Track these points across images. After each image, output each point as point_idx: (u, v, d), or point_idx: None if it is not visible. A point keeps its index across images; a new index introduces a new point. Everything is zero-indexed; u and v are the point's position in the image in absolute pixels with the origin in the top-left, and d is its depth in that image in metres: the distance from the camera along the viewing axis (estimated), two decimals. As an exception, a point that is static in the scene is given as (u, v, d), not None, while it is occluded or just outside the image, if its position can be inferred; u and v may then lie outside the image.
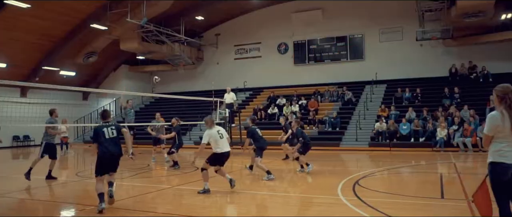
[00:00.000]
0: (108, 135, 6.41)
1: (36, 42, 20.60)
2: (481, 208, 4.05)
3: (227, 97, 16.19)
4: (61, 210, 6.75)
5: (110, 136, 6.40)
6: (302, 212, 6.32)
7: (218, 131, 7.29)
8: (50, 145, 9.18)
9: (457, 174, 9.60)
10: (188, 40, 24.49)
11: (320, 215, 5.98)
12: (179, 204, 6.85)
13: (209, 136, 7.17)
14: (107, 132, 6.41)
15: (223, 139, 7.27)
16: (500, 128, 3.88)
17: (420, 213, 5.78)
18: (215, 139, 7.20)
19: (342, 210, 6.09)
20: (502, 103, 3.96)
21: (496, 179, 3.92)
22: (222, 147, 7.20)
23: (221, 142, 7.19)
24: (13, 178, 10.12)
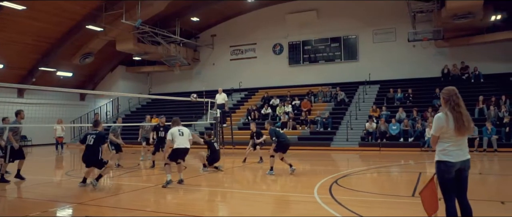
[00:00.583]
0: (88, 142, 8.01)
1: (32, 43, 20.87)
2: (427, 204, 4.26)
3: (219, 97, 16.39)
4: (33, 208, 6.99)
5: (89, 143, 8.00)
6: (272, 210, 6.53)
7: (179, 130, 8.20)
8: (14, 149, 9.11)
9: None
10: (184, 41, 24.72)
11: (287, 211, 6.20)
12: (148, 201, 7.06)
13: (171, 134, 8.17)
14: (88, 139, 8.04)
15: (183, 136, 8.16)
16: (445, 129, 4.09)
17: (385, 210, 5.97)
18: (175, 136, 8.12)
19: (312, 207, 6.30)
20: (447, 105, 4.17)
21: (441, 177, 4.13)
22: (178, 144, 8.08)
23: (179, 139, 8.10)
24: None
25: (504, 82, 19.28)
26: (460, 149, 4.10)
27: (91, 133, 8.24)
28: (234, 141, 17.06)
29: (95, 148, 8.06)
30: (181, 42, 24.65)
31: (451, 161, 4.06)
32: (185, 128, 8.42)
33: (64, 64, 23.18)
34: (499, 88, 18.72)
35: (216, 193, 8.00)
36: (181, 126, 8.40)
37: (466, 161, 4.13)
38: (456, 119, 4.05)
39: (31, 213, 6.04)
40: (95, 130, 8.35)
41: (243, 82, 25.69)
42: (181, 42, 24.81)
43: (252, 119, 20.73)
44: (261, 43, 25.66)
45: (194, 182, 8.84)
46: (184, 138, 8.17)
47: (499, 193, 7.58)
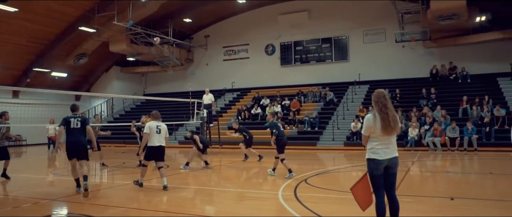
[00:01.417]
0: (74, 125, 7.39)
1: (26, 44, 21.25)
2: (359, 199, 4.53)
3: (206, 98, 16.70)
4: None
5: (74, 127, 7.38)
6: (229, 205, 6.80)
7: (157, 126, 7.85)
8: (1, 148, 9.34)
9: (406, 171, 10.06)
10: (177, 42, 25.04)
11: (238, 206, 6.49)
12: (119, 197, 7.37)
13: (149, 128, 7.79)
14: (73, 122, 7.40)
15: (160, 134, 7.82)
16: (373, 129, 4.37)
17: (338, 206, 6.24)
18: (152, 132, 7.77)
19: (269, 203, 6.62)
20: (376, 106, 4.44)
21: (371, 174, 4.42)
22: (153, 141, 7.75)
23: (154, 136, 7.76)
24: None
25: (490, 83, 19.50)
26: (388, 147, 4.38)
27: (74, 117, 7.49)
28: (222, 141, 17.36)
29: (83, 132, 7.44)
30: (174, 42, 24.97)
31: (378, 159, 4.34)
32: (163, 124, 8.07)
33: (59, 64, 23.55)
34: (485, 88, 18.93)
35: (180, 189, 8.24)
36: (160, 122, 8.04)
37: (393, 158, 4.40)
38: (383, 120, 4.32)
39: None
40: (76, 114, 7.63)
41: (236, 82, 25.99)
42: (175, 43, 25.12)
43: (242, 119, 21.06)
44: (254, 44, 25.95)
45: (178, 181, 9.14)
46: (161, 136, 7.86)
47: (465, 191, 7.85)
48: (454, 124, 15.29)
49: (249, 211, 6.13)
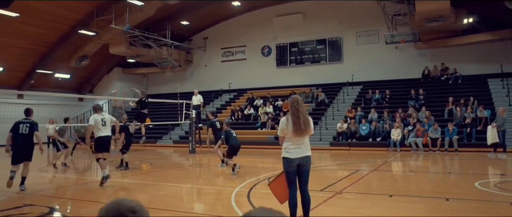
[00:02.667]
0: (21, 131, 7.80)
1: (29, 47, 22.13)
2: (277, 193, 5.03)
3: (195, 99, 17.30)
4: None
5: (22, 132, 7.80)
6: (180, 199, 7.35)
7: (102, 119, 8.51)
8: None
9: (373, 171, 10.47)
10: (176, 44, 25.68)
11: (188, 201, 7.02)
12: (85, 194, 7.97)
13: (94, 120, 8.44)
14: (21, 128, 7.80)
15: (105, 125, 8.51)
16: (286, 131, 4.86)
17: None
18: (98, 124, 8.43)
19: (220, 197, 7.14)
20: (290, 110, 4.93)
21: (285, 170, 4.92)
22: (102, 132, 8.46)
23: (102, 128, 8.46)
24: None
25: (481, 84, 19.66)
26: (299, 147, 4.87)
27: (24, 122, 7.84)
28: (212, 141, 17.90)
29: (31, 138, 7.81)
30: (173, 44, 25.62)
31: (290, 157, 4.83)
32: (107, 115, 8.80)
33: (61, 66, 24.41)
34: (475, 90, 19.13)
35: (139, 185, 8.81)
36: (104, 114, 8.65)
37: (305, 158, 4.88)
38: (294, 123, 4.81)
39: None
40: (27, 119, 7.98)
41: (233, 83, 26.52)
42: (173, 45, 25.77)
43: (235, 119, 21.61)
44: (250, 45, 26.46)
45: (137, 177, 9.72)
46: (107, 127, 8.54)
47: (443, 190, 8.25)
48: (436, 125, 15.58)
49: (191, 205, 6.66)
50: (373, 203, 6.50)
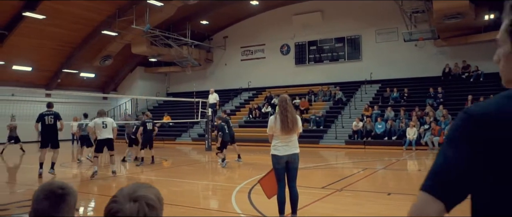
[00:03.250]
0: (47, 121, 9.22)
1: (56, 48, 23.06)
2: (266, 189, 5.23)
3: (211, 97, 17.64)
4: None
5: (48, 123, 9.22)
6: (180, 194, 7.64)
7: (103, 122, 9.19)
8: None
9: (381, 169, 10.49)
10: (196, 43, 26.14)
11: (191, 195, 7.29)
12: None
13: (94, 123, 9.23)
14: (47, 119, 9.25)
15: (106, 128, 9.14)
16: (274, 129, 5.06)
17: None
18: (99, 128, 9.15)
19: (221, 193, 7.39)
20: (278, 109, 5.12)
21: (274, 167, 5.12)
22: (102, 135, 9.14)
23: (102, 131, 9.13)
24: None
25: (503, 81, 19.14)
26: (287, 145, 5.05)
27: (48, 114, 9.27)
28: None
29: (55, 127, 9.25)
30: (193, 44, 26.09)
31: (278, 154, 5.03)
32: (109, 119, 9.49)
33: (86, 66, 25.29)
34: (496, 87, 18.65)
35: (143, 180, 9.17)
36: (106, 118, 9.38)
37: (293, 155, 5.06)
38: (282, 121, 5.00)
39: None
40: (50, 111, 9.37)
41: (252, 81, 26.77)
42: (193, 44, 26.24)
43: (253, 118, 21.87)
44: (270, 44, 26.63)
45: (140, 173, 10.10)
46: (108, 130, 9.20)
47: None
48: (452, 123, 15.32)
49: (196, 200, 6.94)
50: (368, 200, 6.61)
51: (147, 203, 1.21)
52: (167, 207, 6.19)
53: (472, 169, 0.98)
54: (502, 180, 0.97)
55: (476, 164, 0.98)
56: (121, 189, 1.26)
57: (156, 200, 1.25)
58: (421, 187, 1.01)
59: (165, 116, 23.57)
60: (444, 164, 1.01)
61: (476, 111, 1.03)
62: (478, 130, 0.99)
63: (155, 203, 1.24)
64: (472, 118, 1.02)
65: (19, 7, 19.11)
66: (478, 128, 0.99)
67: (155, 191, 1.29)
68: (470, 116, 1.03)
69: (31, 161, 13.08)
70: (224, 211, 6.29)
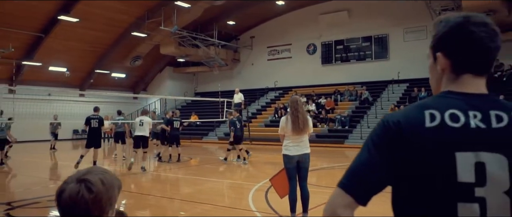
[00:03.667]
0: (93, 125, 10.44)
1: (89, 49, 23.97)
2: (278, 188, 5.36)
3: (236, 97, 17.87)
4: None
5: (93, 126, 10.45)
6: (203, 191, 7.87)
7: (140, 120, 10.19)
8: None
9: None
10: (223, 43, 26.51)
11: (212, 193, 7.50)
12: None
13: (134, 122, 10.39)
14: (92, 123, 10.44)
15: (142, 126, 10.08)
16: (285, 129, 5.19)
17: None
18: (136, 125, 10.30)
19: (241, 191, 7.57)
20: (289, 110, 5.25)
21: (285, 166, 5.25)
22: (137, 132, 10.21)
23: (138, 128, 10.18)
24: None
25: (538, 80, 18.46)
26: (298, 145, 5.17)
27: (93, 117, 10.57)
28: (254, 137, 18.51)
29: (99, 130, 10.63)
30: (220, 44, 26.46)
31: (289, 154, 5.15)
32: (147, 118, 10.38)
33: (118, 66, 26.15)
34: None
35: (169, 178, 9.48)
36: (144, 117, 10.38)
37: (304, 155, 5.17)
38: (293, 122, 5.13)
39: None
40: (96, 115, 10.62)
41: (279, 81, 26.88)
42: (220, 44, 26.61)
43: (279, 117, 21.96)
44: (296, 44, 26.65)
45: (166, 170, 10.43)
46: (143, 127, 10.12)
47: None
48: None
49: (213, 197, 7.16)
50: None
51: (86, 186, 1.24)
52: (189, 204, 6.44)
53: (380, 172, 1.10)
54: (410, 184, 1.08)
55: (384, 168, 1.09)
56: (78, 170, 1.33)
57: (98, 183, 1.26)
58: (337, 183, 1.14)
59: (192, 115, 24.05)
60: (357, 165, 1.13)
61: (389, 119, 1.13)
62: (389, 137, 1.10)
63: (96, 186, 1.25)
64: (386, 126, 1.12)
65: (55, 11, 20.00)
66: (389, 135, 1.10)
67: (102, 176, 1.30)
68: (383, 123, 1.14)
69: (66, 158, 13.75)
70: (239, 209, 6.47)
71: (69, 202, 1.23)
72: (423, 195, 1.05)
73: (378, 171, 1.10)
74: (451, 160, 1.02)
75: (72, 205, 1.22)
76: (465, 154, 1.02)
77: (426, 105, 1.12)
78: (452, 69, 1.16)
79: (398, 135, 1.08)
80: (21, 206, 6.60)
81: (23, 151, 16.69)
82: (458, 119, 1.06)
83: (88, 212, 1.23)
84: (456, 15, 1.16)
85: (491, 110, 1.07)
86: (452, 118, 1.06)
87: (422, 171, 1.05)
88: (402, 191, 1.11)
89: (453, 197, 1.02)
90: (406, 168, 1.07)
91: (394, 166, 1.09)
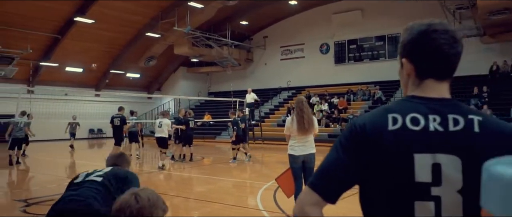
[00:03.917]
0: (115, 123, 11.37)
1: (104, 50, 24.39)
2: (284, 188, 5.43)
3: (248, 97, 18.00)
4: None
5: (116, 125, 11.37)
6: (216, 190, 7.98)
7: (159, 122, 10.56)
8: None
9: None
10: (236, 43, 26.64)
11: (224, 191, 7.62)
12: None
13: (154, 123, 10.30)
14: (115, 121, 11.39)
15: (160, 127, 10.45)
16: (291, 129, 5.26)
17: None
18: (155, 127, 10.86)
19: (250, 190, 7.66)
20: (295, 110, 5.32)
21: (291, 166, 5.32)
22: (156, 133, 10.67)
23: (157, 130, 10.66)
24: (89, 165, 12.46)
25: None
26: (304, 145, 5.24)
27: (116, 116, 11.50)
28: (266, 137, 18.59)
29: (121, 128, 11.55)
30: (233, 44, 26.60)
31: (295, 154, 5.23)
32: (166, 120, 10.72)
33: (132, 66, 26.52)
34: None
35: (182, 177, 9.63)
36: (163, 119, 10.74)
37: (309, 155, 5.24)
38: (298, 122, 5.20)
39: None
40: (119, 114, 11.49)
41: (292, 81, 26.89)
42: (233, 44, 26.76)
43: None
44: (309, 43, 26.62)
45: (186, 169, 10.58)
46: (161, 129, 10.52)
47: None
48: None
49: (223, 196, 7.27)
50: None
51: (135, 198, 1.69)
52: (200, 202, 6.58)
53: (347, 172, 1.16)
54: (374, 184, 1.14)
55: (351, 169, 1.15)
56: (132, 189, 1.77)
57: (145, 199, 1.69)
58: (307, 183, 1.21)
59: (206, 115, 24.25)
60: (325, 166, 1.20)
61: (355, 123, 1.20)
62: (356, 140, 1.16)
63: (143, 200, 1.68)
64: (352, 130, 1.19)
65: (71, 12, 20.42)
66: (355, 138, 1.16)
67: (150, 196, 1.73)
68: (351, 127, 1.21)
69: (82, 157, 14.05)
70: (247, 208, 6.57)
71: (119, 207, 1.64)
72: (384, 194, 1.12)
73: (344, 171, 1.16)
74: (409, 161, 1.08)
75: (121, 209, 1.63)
76: (423, 156, 1.08)
77: (390, 109, 1.18)
78: (416, 74, 1.22)
79: (363, 138, 1.15)
80: (36, 203, 6.81)
81: (40, 150, 17.12)
82: (419, 122, 1.12)
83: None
84: (419, 23, 1.22)
85: (449, 114, 1.13)
86: (413, 122, 1.12)
87: (384, 172, 1.11)
88: (367, 192, 1.17)
89: (411, 196, 1.08)
90: (370, 170, 1.13)
91: (360, 168, 1.15)
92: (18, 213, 6.15)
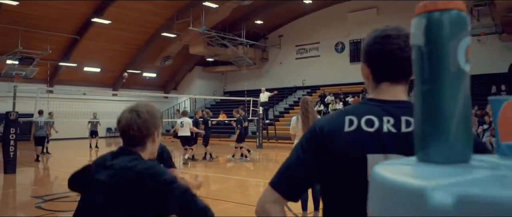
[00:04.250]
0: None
1: (121, 50, 24.83)
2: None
3: (262, 96, 18.06)
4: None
5: None
6: (226, 188, 8.09)
7: (181, 122, 10.91)
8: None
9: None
10: (251, 43, 26.74)
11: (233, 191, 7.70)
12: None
13: (176, 123, 11.11)
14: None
15: (183, 127, 10.83)
16: (296, 129, 5.33)
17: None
18: (178, 126, 11.09)
19: (259, 189, 7.74)
20: (300, 110, 5.38)
21: (296, 166, 5.37)
22: (180, 133, 11.00)
23: (180, 129, 10.97)
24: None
25: None
26: (309, 145, 5.27)
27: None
28: (280, 136, 18.63)
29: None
30: (248, 43, 26.71)
31: (300, 154, 5.27)
32: (187, 119, 11.06)
33: (149, 66, 26.91)
34: None
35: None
36: (184, 118, 11.07)
37: (314, 154, 5.27)
38: (303, 122, 5.26)
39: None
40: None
41: (307, 80, 26.85)
42: (248, 43, 26.86)
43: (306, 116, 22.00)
44: (324, 42, 26.53)
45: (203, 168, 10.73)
46: (183, 128, 10.92)
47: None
48: None
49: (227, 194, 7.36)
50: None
51: (137, 114, 1.72)
52: (212, 201, 6.70)
53: (306, 172, 1.21)
54: (332, 185, 1.20)
55: (310, 168, 1.20)
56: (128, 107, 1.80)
57: (145, 112, 1.74)
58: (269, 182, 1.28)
59: (221, 114, 24.39)
60: (285, 166, 1.26)
61: (316, 125, 1.26)
62: (315, 142, 1.21)
63: (143, 114, 1.73)
64: (313, 131, 1.24)
65: (89, 13, 20.87)
66: (315, 140, 1.21)
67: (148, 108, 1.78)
68: (311, 129, 1.27)
69: (100, 154, 14.34)
70: (251, 205, 6.64)
71: (125, 125, 1.71)
72: (341, 194, 1.18)
73: (304, 171, 1.21)
74: (363, 162, 1.14)
75: (127, 128, 1.70)
76: (376, 156, 1.14)
77: (347, 111, 1.24)
78: (373, 78, 1.27)
79: (322, 140, 1.21)
80: (51, 200, 7.04)
81: (61, 148, 17.56)
82: (373, 124, 1.18)
83: (140, 132, 1.70)
84: (376, 29, 1.28)
85: (402, 116, 1.18)
86: (368, 123, 1.18)
87: (341, 172, 1.17)
88: (326, 191, 1.24)
89: (364, 196, 1.14)
90: (329, 170, 1.19)
91: (320, 168, 1.20)
92: (33, 209, 6.37)
